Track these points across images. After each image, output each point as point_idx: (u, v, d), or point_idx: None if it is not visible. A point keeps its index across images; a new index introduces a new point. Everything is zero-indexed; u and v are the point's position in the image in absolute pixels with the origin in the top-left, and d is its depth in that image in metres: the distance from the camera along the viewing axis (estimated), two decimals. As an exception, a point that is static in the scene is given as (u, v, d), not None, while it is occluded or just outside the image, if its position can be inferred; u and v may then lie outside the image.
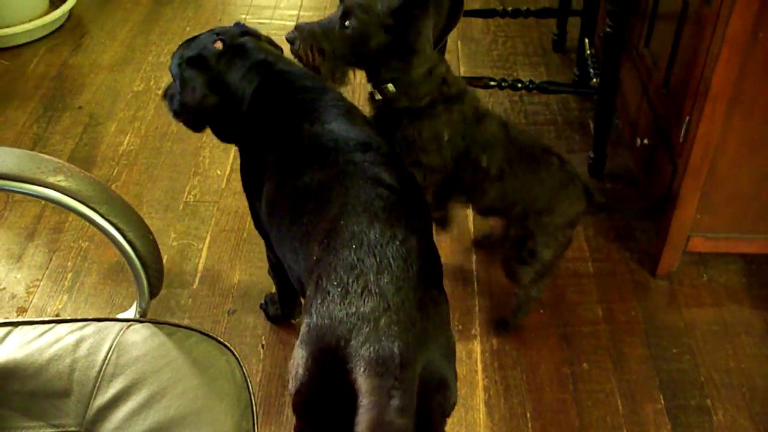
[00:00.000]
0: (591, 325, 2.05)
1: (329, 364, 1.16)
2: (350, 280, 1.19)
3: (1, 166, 1.18)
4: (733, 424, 1.82)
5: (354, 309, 1.16)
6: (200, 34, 1.70)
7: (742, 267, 2.21)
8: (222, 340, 1.26)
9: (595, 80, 2.56)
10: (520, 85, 2.43)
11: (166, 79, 2.96)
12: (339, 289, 1.19)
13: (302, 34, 1.66)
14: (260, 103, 1.61)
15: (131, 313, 1.36)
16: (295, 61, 1.68)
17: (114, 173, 2.56)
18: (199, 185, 2.51)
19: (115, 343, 1.23)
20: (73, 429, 1.15)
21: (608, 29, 2.21)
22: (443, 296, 1.29)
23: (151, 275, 1.27)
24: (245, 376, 1.22)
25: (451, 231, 2.29)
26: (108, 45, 3.23)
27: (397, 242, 1.24)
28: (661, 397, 1.88)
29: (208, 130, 1.75)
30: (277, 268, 1.82)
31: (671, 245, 2.09)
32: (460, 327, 2.03)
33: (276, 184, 1.50)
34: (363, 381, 1.10)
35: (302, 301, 1.93)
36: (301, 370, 1.20)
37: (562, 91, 2.62)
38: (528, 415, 1.85)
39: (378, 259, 1.21)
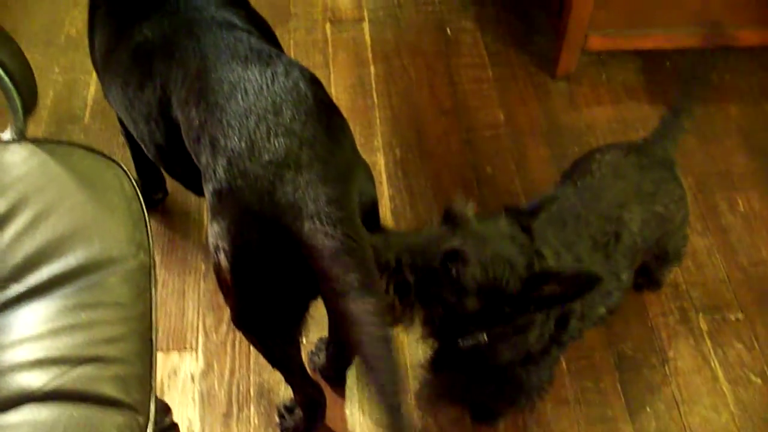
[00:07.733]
0: (493, 128, 2.05)
1: (257, 227, 1.05)
2: (251, 129, 1.06)
3: None
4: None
5: (267, 157, 1.04)
6: None
7: (640, 65, 2.22)
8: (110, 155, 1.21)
9: None
10: None
11: None
12: (242, 143, 1.06)
13: (389, 246, 1.15)
14: None
15: (7, 135, 1.28)
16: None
17: (-16, 8, 2.40)
18: (80, 16, 2.36)
19: (-8, 166, 1.16)
20: (-44, 255, 1.10)
21: None
22: (345, 120, 1.20)
23: (22, 89, 1.19)
24: (135, 188, 1.17)
25: (347, 48, 2.21)
26: None
27: (282, 78, 1.12)
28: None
29: None
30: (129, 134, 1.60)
31: (569, 45, 2.08)
32: (363, 140, 2.01)
33: (109, 36, 1.34)
34: (313, 239, 1.01)
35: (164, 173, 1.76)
36: (225, 244, 1.09)
37: None
38: (434, 220, 1.86)
39: (271, 100, 1.09)
